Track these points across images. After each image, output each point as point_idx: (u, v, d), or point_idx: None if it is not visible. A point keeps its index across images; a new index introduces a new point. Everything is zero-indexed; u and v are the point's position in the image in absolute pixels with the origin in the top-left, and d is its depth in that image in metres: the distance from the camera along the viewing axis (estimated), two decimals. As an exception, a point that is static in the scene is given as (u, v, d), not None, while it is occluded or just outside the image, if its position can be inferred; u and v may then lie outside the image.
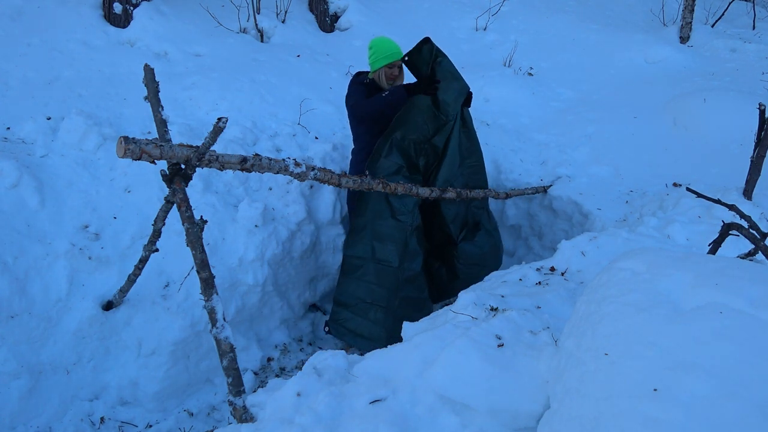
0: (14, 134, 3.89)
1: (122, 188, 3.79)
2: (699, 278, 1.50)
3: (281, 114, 4.70)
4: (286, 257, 3.94)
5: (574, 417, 1.48)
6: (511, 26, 7.06)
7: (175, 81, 4.71)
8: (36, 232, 3.41)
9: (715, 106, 5.07)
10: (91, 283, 3.41)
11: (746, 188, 3.80)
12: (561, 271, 3.14)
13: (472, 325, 2.25)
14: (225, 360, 2.70)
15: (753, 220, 2.35)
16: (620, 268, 1.70)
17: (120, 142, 2.50)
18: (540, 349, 2.02)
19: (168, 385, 3.41)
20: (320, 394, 2.12)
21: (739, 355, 1.28)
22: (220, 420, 3.45)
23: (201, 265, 2.74)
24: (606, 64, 6.48)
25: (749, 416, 1.19)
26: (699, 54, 6.66)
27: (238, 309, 3.65)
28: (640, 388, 1.33)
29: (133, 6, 5.29)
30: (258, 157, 2.96)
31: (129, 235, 3.58)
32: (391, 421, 1.94)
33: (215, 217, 3.67)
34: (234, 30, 5.72)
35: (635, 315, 1.49)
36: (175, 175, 2.79)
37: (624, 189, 4.58)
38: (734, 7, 8.14)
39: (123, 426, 3.28)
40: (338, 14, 6.66)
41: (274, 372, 3.79)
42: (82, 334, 3.30)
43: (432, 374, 2.03)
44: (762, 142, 3.63)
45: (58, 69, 4.51)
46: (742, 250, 2.72)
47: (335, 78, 5.45)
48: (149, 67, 3.07)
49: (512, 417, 1.88)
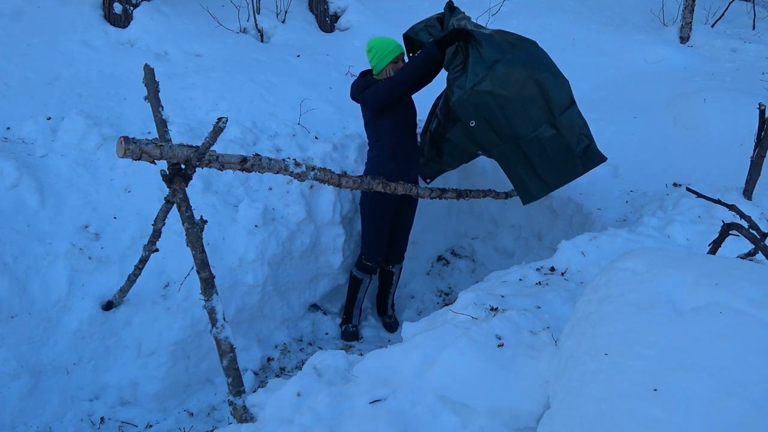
0: (14, 134, 3.89)
1: (122, 188, 3.79)
2: (699, 278, 1.50)
3: (281, 114, 4.70)
4: (286, 257, 3.94)
5: (574, 417, 1.48)
6: (511, 26, 7.01)
7: (175, 81, 4.71)
8: (36, 232, 3.41)
9: (715, 106, 5.07)
10: (91, 283, 3.41)
11: (746, 188, 3.80)
12: (561, 271, 3.15)
13: (472, 325, 2.25)
14: (225, 360, 2.70)
15: (753, 220, 2.35)
16: (620, 268, 1.70)
17: (120, 142, 2.51)
18: (540, 349, 2.03)
19: (168, 385, 3.41)
20: (320, 394, 2.12)
21: (739, 355, 1.28)
22: (220, 420, 3.45)
23: (201, 265, 2.75)
24: (606, 64, 6.47)
25: (749, 416, 1.19)
26: (699, 54, 6.65)
27: (238, 309, 3.65)
28: (640, 388, 1.33)
29: (133, 6, 5.29)
30: (258, 157, 2.96)
31: (129, 235, 3.58)
32: (391, 421, 1.94)
33: (215, 217, 3.67)
34: (234, 30, 5.72)
35: (635, 315, 1.49)
36: (175, 175, 2.79)
37: (624, 189, 4.58)
38: (734, 7, 8.14)
39: (123, 426, 3.29)
40: (338, 14, 6.66)
41: (274, 372, 3.79)
42: (82, 334, 3.30)
43: (432, 374, 2.03)
44: (762, 142, 3.63)
45: (58, 69, 4.51)
46: (742, 250, 2.71)
47: (335, 78, 5.44)
48: (149, 67, 3.07)
49: (512, 417, 1.88)
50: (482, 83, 3.47)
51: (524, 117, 3.58)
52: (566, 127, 3.63)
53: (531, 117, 3.58)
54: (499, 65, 3.44)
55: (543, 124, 3.59)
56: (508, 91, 3.48)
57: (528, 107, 3.55)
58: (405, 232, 4.22)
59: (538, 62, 3.56)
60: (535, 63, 3.53)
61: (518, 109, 3.54)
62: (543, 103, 3.55)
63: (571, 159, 3.75)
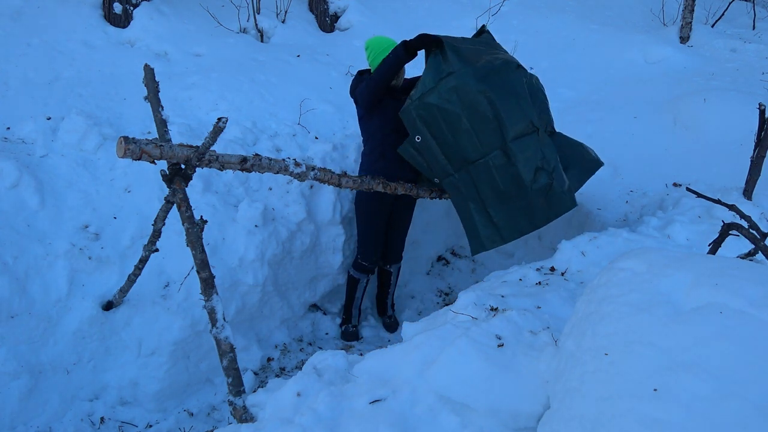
0: (14, 134, 3.89)
1: (122, 188, 3.79)
2: (699, 278, 1.50)
3: (281, 114, 4.70)
4: (286, 257, 3.94)
5: (574, 417, 1.48)
6: (511, 26, 7.05)
7: (175, 81, 4.71)
8: (36, 232, 3.41)
9: (715, 106, 5.07)
10: (91, 283, 3.41)
11: (746, 188, 3.80)
12: (561, 271, 3.15)
13: (472, 325, 2.25)
14: (225, 360, 2.70)
15: (753, 220, 2.35)
16: (620, 268, 1.70)
17: (120, 142, 2.51)
18: (540, 349, 2.03)
19: (168, 385, 3.41)
20: (320, 394, 2.12)
21: (739, 355, 1.28)
22: (220, 420, 3.45)
23: (201, 265, 2.75)
24: (606, 64, 6.47)
25: (749, 416, 1.19)
26: (699, 54, 6.65)
27: (238, 309, 3.65)
28: (640, 388, 1.33)
29: (133, 6, 5.29)
30: (258, 157, 2.96)
31: (129, 235, 3.58)
32: (391, 421, 1.94)
33: (215, 217, 3.67)
34: (234, 30, 5.72)
35: (635, 315, 1.49)
36: (175, 175, 2.79)
37: (624, 189, 4.58)
38: (734, 7, 8.14)
39: (123, 426, 3.29)
40: (338, 14, 6.66)
41: (274, 372, 3.79)
42: (82, 334, 3.30)
43: (432, 374, 2.03)
44: (762, 142, 3.63)
45: (58, 69, 4.51)
46: (742, 250, 2.71)
47: (335, 78, 5.44)
48: (149, 67, 3.07)
49: (512, 417, 1.88)
50: (430, 95, 3.30)
51: (473, 138, 3.33)
52: (520, 157, 3.31)
53: (481, 139, 3.32)
54: (451, 77, 3.26)
55: (495, 149, 3.32)
56: (456, 106, 3.26)
57: (478, 127, 3.30)
58: (402, 231, 4.22)
59: (501, 82, 3.29)
60: (494, 80, 3.27)
61: (467, 128, 3.31)
62: (495, 124, 3.28)
63: (526, 197, 3.40)
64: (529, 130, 3.34)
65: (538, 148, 3.37)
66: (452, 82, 3.27)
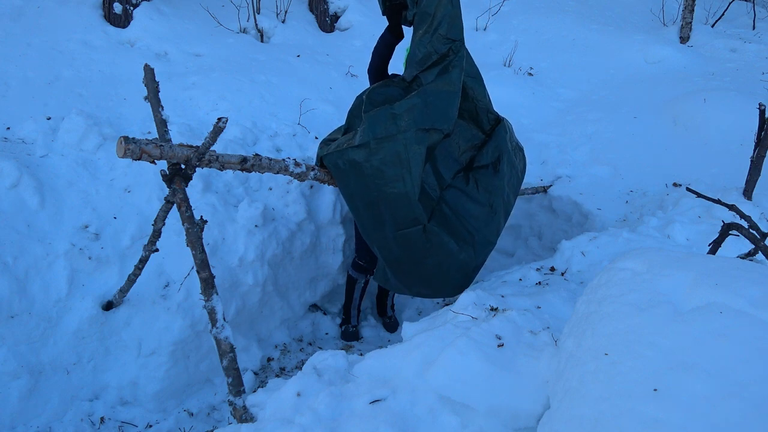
0: (14, 134, 3.89)
1: (122, 188, 3.79)
2: (699, 278, 1.50)
3: (281, 114, 4.70)
4: (286, 257, 3.94)
5: (574, 417, 1.48)
6: (511, 26, 7.06)
7: (175, 81, 4.71)
8: (36, 232, 3.41)
9: (715, 106, 5.08)
10: (91, 283, 3.41)
11: (746, 188, 3.80)
12: (561, 271, 3.15)
13: (472, 325, 2.25)
14: (225, 360, 2.70)
15: (753, 220, 2.35)
16: (620, 268, 1.70)
17: (120, 142, 2.50)
18: (540, 349, 2.03)
19: (168, 385, 3.41)
20: (320, 394, 2.12)
21: (739, 355, 1.28)
22: (220, 420, 3.45)
23: (201, 265, 2.75)
24: (606, 64, 6.48)
25: (749, 416, 1.19)
26: (699, 54, 6.66)
27: (238, 309, 3.65)
28: (640, 388, 1.33)
29: (133, 6, 5.29)
30: (258, 157, 2.96)
31: (129, 235, 3.58)
32: (391, 422, 1.94)
33: (215, 217, 3.67)
34: (234, 30, 5.72)
35: (635, 315, 1.49)
36: (175, 175, 2.79)
37: (624, 189, 4.58)
38: (734, 7, 8.14)
39: (123, 426, 3.28)
40: (338, 14, 6.66)
41: (274, 372, 3.79)
42: (82, 334, 3.30)
43: (432, 374, 2.03)
44: (762, 142, 3.63)
45: (58, 69, 4.51)
46: (742, 250, 2.72)
47: (335, 78, 5.44)
48: (149, 67, 3.07)
49: (512, 417, 1.88)
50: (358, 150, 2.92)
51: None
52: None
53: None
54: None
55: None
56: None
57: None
58: (401, 232, 4.21)
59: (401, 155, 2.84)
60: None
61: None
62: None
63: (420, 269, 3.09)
64: (412, 224, 2.94)
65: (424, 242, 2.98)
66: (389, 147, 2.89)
